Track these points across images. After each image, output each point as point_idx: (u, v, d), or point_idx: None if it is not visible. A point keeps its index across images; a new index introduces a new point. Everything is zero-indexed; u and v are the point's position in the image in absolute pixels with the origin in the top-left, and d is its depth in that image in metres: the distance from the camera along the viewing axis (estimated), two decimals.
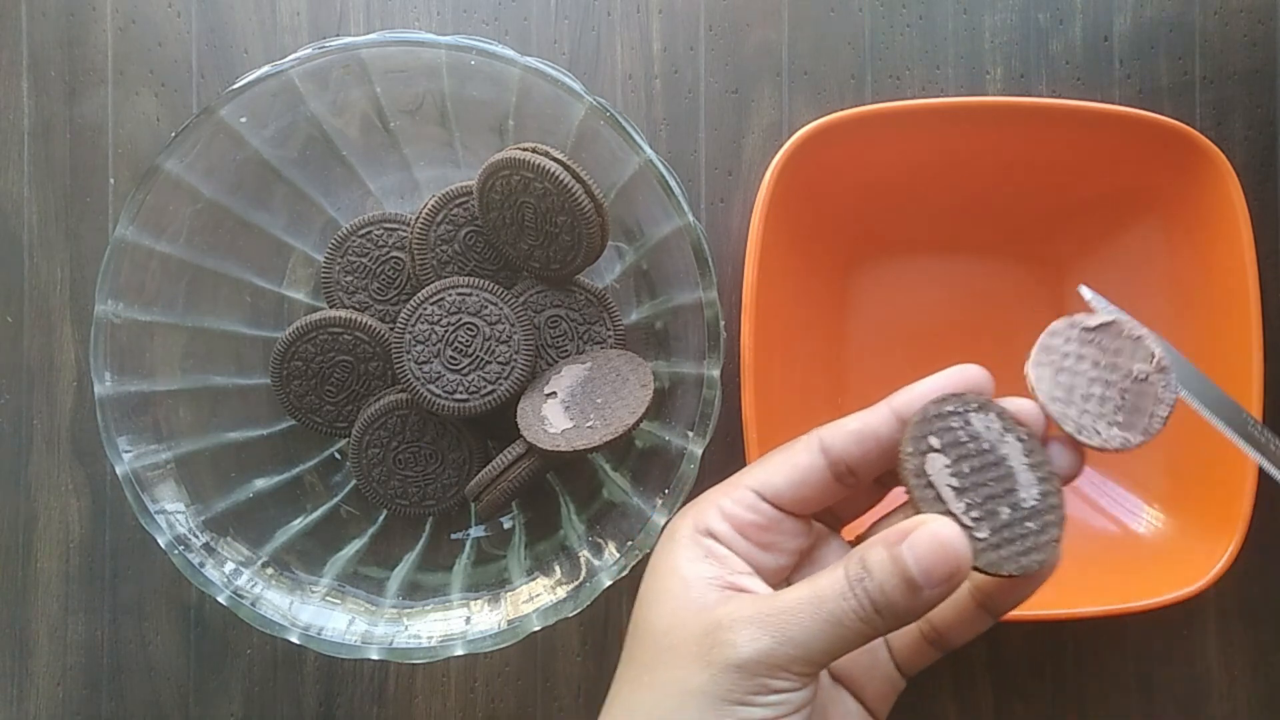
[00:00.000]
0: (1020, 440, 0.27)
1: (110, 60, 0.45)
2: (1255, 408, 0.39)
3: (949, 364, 0.28)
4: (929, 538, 0.24)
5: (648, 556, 0.35)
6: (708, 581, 0.27)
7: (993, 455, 0.26)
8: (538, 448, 0.37)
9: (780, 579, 0.29)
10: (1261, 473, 0.39)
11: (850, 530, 0.32)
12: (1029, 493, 0.26)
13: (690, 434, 0.35)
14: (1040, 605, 0.40)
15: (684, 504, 0.35)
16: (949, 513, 0.25)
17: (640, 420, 0.36)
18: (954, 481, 0.26)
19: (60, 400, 0.45)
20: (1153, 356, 0.28)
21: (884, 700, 0.30)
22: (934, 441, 0.26)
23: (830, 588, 0.25)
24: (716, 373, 0.35)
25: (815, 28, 0.45)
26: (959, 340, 0.45)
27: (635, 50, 0.45)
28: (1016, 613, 0.39)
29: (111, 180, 0.45)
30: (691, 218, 0.35)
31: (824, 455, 0.28)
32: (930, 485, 0.26)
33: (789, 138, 0.40)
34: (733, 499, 0.28)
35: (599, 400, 0.38)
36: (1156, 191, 0.42)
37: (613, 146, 0.36)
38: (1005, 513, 0.26)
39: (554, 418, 0.38)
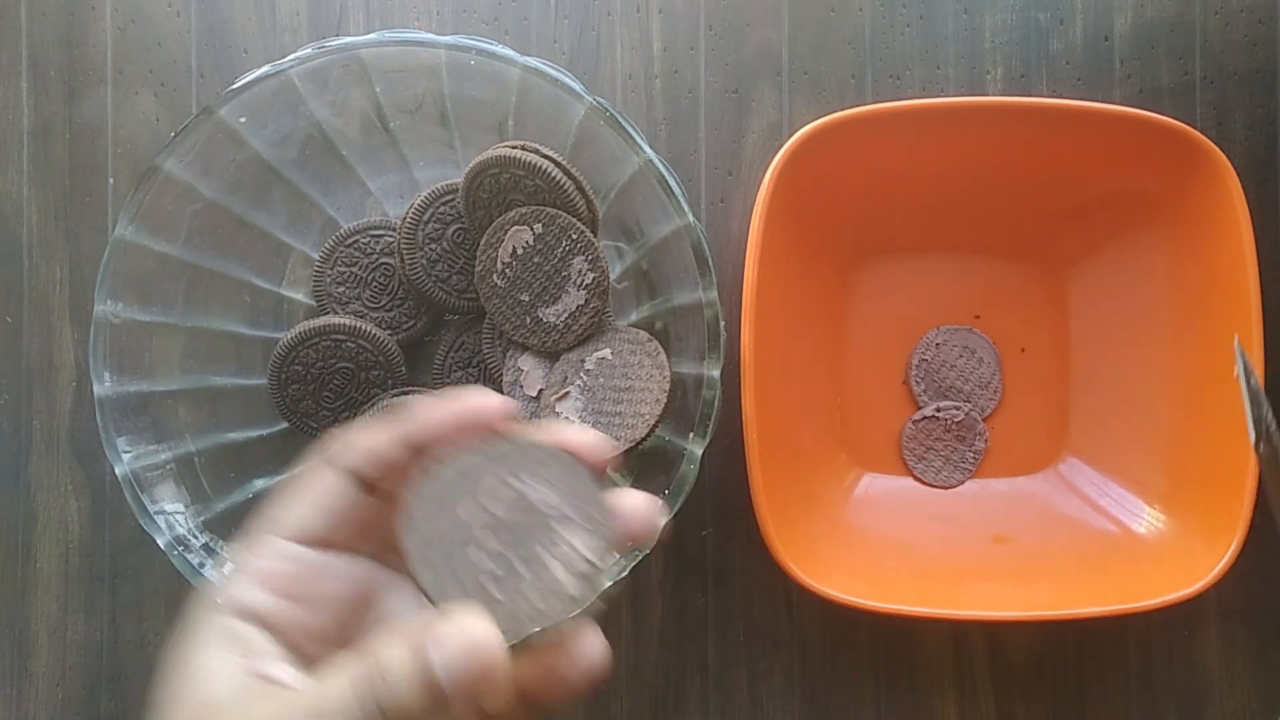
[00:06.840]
0: (550, 485, 0.23)
1: (110, 60, 0.45)
2: None
3: None
4: (460, 636, 0.20)
5: (648, 557, 0.36)
6: (229, 677, 0.22)
7: (522, 507, 0.23)
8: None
9: (338, 642, 0.25)
10: (1262, 472, 0.39)
11: None
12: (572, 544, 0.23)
13: (690, 434, 0.35)
14: (1040, 605, 0.40)
15: (682, 504, 0.35)
16: (480, 588, 0.22)
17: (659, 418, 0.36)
18: (484, 554, 0.22)
19: (59, 400, 0.45)
20: None
21: None
22: (442, 499, 0.23)
23: (329, 698, 0.20)
24: (716, 373, 0.35)
25: (815, 28, 0.45)
26: None
27: (635, 50, 0.45)
28: (1018, 613, 0.40)
29: (111, 180, 0.45)
30: (691, 218, 0.35)
31: (340, 475, 0.24)
32: (445, 563, 0.22)
33: (789, 138, 0.40)
34: (257, 554, 0.24)
35: (614, 383, 0.38)
36: (1157, 191, 0.42)
37: (613, 146, 0.36)
38: (527, 573, 0.22)
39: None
